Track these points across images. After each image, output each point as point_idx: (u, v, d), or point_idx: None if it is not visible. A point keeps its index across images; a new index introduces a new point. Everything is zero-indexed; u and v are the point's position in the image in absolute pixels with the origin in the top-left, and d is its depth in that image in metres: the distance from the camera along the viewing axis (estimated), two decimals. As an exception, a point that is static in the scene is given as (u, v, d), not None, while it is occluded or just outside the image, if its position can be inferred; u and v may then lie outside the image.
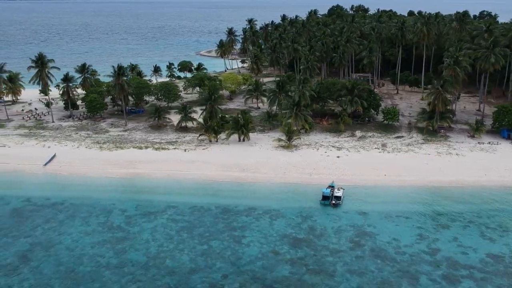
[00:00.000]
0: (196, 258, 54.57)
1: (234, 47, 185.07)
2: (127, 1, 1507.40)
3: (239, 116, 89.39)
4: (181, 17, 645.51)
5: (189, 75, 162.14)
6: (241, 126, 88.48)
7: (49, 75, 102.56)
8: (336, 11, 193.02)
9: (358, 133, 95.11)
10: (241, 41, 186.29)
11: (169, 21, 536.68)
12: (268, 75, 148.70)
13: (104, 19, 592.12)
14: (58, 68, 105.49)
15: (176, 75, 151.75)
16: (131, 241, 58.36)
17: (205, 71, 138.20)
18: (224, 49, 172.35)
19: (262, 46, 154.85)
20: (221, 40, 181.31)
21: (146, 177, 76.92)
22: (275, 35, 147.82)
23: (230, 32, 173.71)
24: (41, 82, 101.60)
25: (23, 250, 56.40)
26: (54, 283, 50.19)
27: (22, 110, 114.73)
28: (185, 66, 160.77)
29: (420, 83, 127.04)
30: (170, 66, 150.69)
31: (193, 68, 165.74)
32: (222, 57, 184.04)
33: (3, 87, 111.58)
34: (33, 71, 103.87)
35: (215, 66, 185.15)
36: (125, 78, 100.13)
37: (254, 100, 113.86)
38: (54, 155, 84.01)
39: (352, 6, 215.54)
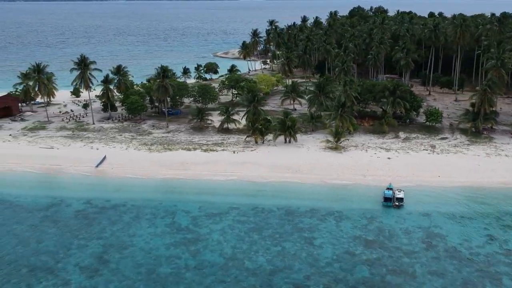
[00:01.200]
0: (273, 259, 54.83)
1: (258, 48, 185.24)
2: (127, 2, 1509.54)
3: (286, 117, 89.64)
4: (185, 18, 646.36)
5: (214, 76, 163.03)
6: (288, 128, 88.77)
7: (90, 77, 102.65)
8: (358, 12, 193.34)
9: (402, 134, 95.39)
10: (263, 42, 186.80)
11: (176, 23, 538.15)
12: (293, 77, 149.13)
13: (113, 20, 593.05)
14: (100, 70, 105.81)
15: (203, 77, 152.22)
16: (204, 243, 58.62)
17: (238, 72, 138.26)
18: (248, 50, 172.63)
19: (288, 48, 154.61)
20: (244, 41, 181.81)
21: (201, 178, 77.12)
22: (303, 36, 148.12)
23: (255, 33, 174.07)
24: (83, 84, 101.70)
25: (98, 252, 56.69)
26: (139, 285, 50.47)
27: (60, 112, 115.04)
28: (211, 67, 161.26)
29: (452, 84, 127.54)
30: (198, 68, 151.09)
31: (218, 69, 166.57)
32: (244, 58, 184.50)
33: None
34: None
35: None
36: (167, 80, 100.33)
37: (287, 101, 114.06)
38: (105, 157, 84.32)
39: (371, 7, 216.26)
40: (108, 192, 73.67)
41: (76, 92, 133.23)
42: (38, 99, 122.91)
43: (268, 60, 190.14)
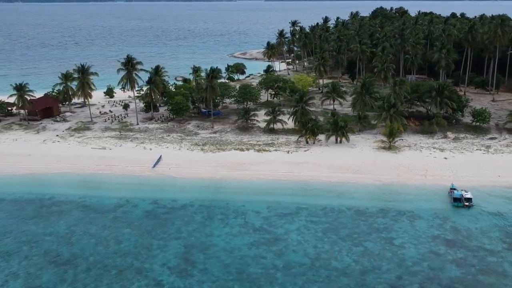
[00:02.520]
0: (359, 260, 54.78)
1: (282, 49, 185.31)
2: (126, 3, 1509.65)
3: (339, 117, 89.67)
4: (192, 19, 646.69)
5: (241, 77, 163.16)
6: (341, 128, 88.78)
7: (136, 77, 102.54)
8: (381, 13, 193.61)
9: (450, 134, 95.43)
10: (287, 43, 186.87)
11: (185, 24, 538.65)
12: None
13: (122, 22, 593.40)
14: (147, 71, 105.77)
15: (234, 77, 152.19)
16: (284, 243, 58.55)
17: (273, 72, 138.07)
18: (274, 51, 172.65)
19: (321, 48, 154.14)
20: (268, 42, 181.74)
21: (261, 178, 77.02)
22: (334, 37, 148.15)
23: (281, 34, 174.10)
24: (129, 85, 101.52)
25: (181, 252, 56.57)
26: (233, 285, 50.41)
27: (100, 112, 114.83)
28: (238, 68, 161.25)
29: (487, 85, 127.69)
30: (228, 69, 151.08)
31: (245, 70, 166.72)
32: (269, 59, 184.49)
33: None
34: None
35: (256, 68, 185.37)
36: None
37: (327, 102, 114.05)
38: (160, 157, 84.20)
39: (392, 8, 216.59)
40: (172, 192, 73.50)
41: (109, 93, 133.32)
42: (75, 100, 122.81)
43: (289, 60, 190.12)
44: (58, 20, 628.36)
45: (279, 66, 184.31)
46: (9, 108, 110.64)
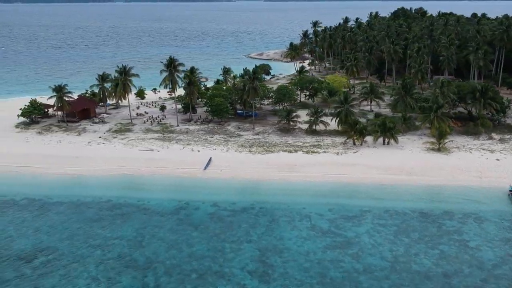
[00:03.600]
0: (438, 262, 54.32)
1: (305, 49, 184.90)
2: (125, 3, 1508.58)
3: (386, 119, 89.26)
4: (199, 19, 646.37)
5: (266, 77, 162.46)
6: (390, 129, 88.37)
7: (177, 78, 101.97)
8: (403, 13, 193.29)
9: (495, 135, 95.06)
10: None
11: (194, 24, 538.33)
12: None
13: (130, 23, 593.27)
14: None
15: (262, 78, 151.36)
16: (357, 246, 58.05)
17: (307, 74, 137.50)
18: (298, 51, 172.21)
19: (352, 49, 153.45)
20: (291, 42, 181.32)
21: (316, 180, 76.49)
22: (361, 37, 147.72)
23: (305, 34, 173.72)
24: (171, 85, 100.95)
25: (256, 255, 56.06)
26: (318, 289, 50.05)
27: (137, 114, 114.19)
28: (264, 69, 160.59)
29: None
30: (256, 70, 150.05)
31: (270, 71, 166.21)
32: (291, 60, 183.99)
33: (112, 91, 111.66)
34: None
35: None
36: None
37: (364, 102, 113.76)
38: (210, 159, 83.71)
39: (411, 8, 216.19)
40: (229, 195, 73.00)
41: (140, 94, 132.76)
42: (108, 102, 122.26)
43: (309, 61, 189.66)
44: (65, 20, 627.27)
45: (296, 67, 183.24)
46: (45, 110, 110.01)
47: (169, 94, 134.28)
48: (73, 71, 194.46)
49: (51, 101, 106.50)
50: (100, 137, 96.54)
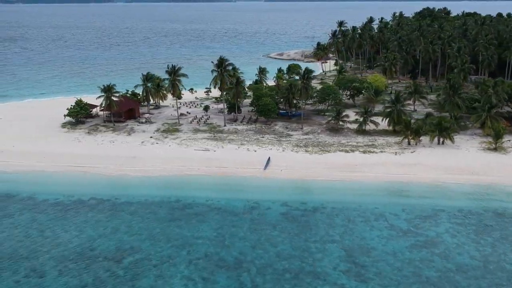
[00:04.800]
0: (531, 262, 54.23)
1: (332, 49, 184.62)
2: (125, 4, 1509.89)
3: (442, 118, 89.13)
4: (206, 20, 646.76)
5: (296, 77, 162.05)
6: (446, 129, 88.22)
7: (227, 78, 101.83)
8: (431, 13, 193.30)
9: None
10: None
11: (204, 25, 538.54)
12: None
13: (136, 23, 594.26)
14: (238, 72, 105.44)
15: (295, 78, 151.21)
16: (443, 245, 57.74)
17: (345, 74, 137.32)
18: (326, 51, 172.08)
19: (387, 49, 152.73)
20: (318, 42, 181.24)
21: (380, 180, 76.28)
22: (395, 38, 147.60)
23: (334, 34, 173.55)
24: (220, 85, 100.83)
25: (344, 256, 55.83)
26: (417, 288, 49.89)
27: (182, 114, 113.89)
28: (294, 69, 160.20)
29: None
30: (289, 70, 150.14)
31: (300, 71, 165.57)
32: (318, 60, 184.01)
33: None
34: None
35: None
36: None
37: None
38: (269, 159, 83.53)
39: (434, 8, 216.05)
40: (297, 195, 72.98)
41: (179, 95, 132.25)
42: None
43: (330, 61, 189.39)
44: (76, 21, 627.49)
45: (324, 67, 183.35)
46: (90, 110, 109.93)
47: (206, 94, 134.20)
48: (104, 71, 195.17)
49: (97, 101, 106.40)
50: (151, 137, 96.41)
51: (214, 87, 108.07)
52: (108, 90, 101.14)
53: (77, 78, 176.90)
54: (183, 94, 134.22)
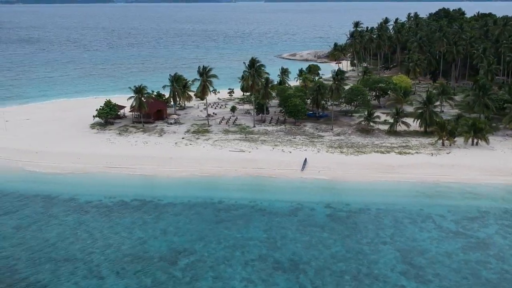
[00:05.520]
0: None
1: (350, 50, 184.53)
2: (126, 4, 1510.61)
3: (476, 120, 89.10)
4: (213, 20, 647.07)
5: (316, 78, 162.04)
6: (480, 130, 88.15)
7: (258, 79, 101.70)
8: (447, 14, 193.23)
9: None
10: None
11: (212, 25, 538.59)
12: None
13: (143, 24, 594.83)
14: (267, 73, 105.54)
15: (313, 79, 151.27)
16: (495, 247, 57.62)
17: (370, 75, 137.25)
18: (344, 52, 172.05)
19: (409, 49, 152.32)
20: (335, 43, 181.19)
21: (421, 181, 76.29)
22: (415, 39, 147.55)
23: (352, 35, 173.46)
24: (251, 86, 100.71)
25: (399, 257, 55.66)
26: (479, 290, 49.83)
27: (209, 115, 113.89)
28: (314, 69, 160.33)
29: None
30: (310, 70, 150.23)
31: (319, 71, 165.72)
32: (335, 60, 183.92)
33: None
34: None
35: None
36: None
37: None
38: (306, 160, 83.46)
39: (448, 9, 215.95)
40: (339, 196, 72.84)
41: (202, 96, 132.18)
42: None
43: (343, 62, 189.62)
44: (82, 22, 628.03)
45: (341, 68, 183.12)
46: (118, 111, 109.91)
47: (229, 95, 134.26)
48: (123, 72, 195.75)
49: (122, 102, 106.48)
50: (183, 138, 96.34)
51: (245, 88, 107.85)
52: (139, 91, 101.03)
53: (98, 79, 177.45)
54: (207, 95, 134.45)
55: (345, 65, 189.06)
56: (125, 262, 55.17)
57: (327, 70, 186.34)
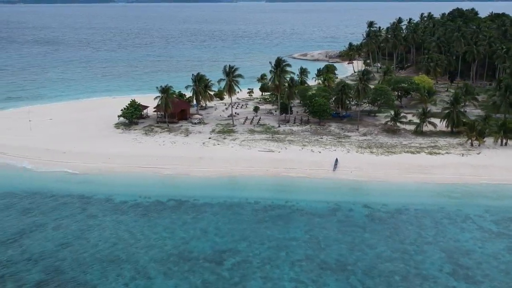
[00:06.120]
0: None
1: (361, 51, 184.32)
2: (127, 4, 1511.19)
3: (507, 120, 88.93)
4: (219, 20, 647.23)
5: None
6: (510, 130, 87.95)
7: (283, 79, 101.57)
8: (462, 14, 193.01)
9: None
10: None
11: (221, 26, 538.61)
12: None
13: (150, 24, 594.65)
14: (293, 73, 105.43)
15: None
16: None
17: (391, 75, 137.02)
18: (360, 52, 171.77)
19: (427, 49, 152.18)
20: (350, 43, 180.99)
21: (455, 181, 76.04)
22: (433, 39, 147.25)
23: (369, 35, 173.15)
24: (278, 87, 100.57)
25: (445, 257, 55.55)
26: (532, 291, 49.63)
27: (229, 115, 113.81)
28: (331, 70, 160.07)
29: None
30: (327, 70, 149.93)
31: (335, 71, 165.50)
32: (350, 60, 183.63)
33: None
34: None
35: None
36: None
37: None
38: (337, 160, 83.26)
39: (462, 9, 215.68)
40: (375, 196, 72.56)
41: (220, 95, 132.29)
42: (194, 102, 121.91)
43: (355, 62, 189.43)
44: (88, 22, 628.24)
45: (355, 67, 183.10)
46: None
47: (248, 95, 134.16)
48: (144, 71, 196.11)
49: (148, 102, 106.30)
50: (209, 138, 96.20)
51: (270, 88, 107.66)
52: (165, 91, 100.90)
53: (112, 79, 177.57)
54: (225, 95, 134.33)
55: (356, 65, 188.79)
56: (171, 262, 55.05)
57: (340, 70, 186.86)
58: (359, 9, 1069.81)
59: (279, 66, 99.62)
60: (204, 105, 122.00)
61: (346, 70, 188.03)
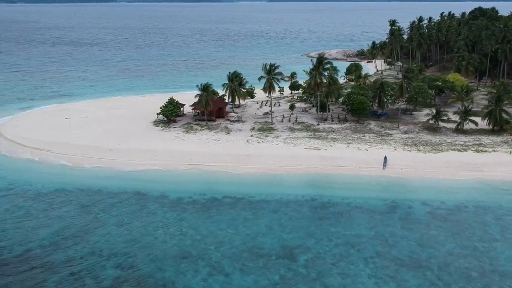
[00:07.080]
0: None
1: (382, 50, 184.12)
2: (128, 4, 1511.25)
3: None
4: (226, 20, 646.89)
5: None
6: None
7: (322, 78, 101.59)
8: (484, 13, 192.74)
9: None
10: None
11: (232, 26, 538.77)
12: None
13: (163, 23, 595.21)
14: (338, 70, 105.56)
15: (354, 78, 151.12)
16: None
17: (425, 73, 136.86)
18: (383, 50, 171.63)
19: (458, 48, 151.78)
20: (373, 41, 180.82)
21: (508, 179, 76.09)
22: (461, 37, 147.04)
23: (393, 33, 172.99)
24: (318, 85, 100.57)
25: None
26: None
27: (266, 113, 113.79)
28: (359, 68, 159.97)
29: None
30: (356, 69, 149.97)
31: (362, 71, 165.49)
32: (373, 59, 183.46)
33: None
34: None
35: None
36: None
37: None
38: (386, 158, 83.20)
39: (482, 8, 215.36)
40: (430, 194, 72.23)
41: (250, 93, 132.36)
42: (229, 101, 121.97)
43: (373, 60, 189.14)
44: (95, 22, 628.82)
45: (377, 66, 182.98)
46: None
47: (279, 93, 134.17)
48: (165, 69, 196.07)
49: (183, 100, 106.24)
50: (251, 136, 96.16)
51: (308, 87, 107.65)
52: (205, 89, 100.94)
53: (136, 78, 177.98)
54: (255, 93, 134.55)
55: (375, 64, 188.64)
56: (244, 258, 55.07)
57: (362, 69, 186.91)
58: (359, 9, 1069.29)
59: (321, 64, 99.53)
60: (238, 103, 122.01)
61: (368, 69, 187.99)
